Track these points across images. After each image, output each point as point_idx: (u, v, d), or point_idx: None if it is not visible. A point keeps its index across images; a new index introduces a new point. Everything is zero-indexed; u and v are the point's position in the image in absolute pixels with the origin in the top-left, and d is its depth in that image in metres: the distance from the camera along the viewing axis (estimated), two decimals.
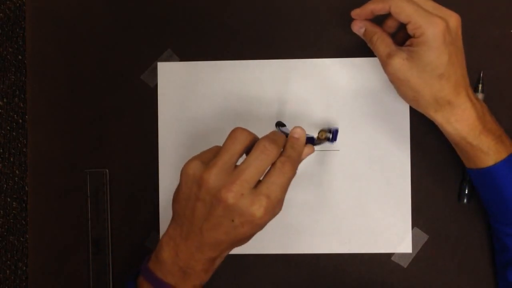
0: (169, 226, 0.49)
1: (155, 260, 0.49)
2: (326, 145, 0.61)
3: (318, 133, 0.55)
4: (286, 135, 0.50)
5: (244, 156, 0.48)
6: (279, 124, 0.55)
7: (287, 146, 0.48)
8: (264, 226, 0.47)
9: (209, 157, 0.47)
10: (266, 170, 0.46)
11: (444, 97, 0.51)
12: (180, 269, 0.47)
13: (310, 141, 0.52)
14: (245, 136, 0.47)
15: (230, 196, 0.44)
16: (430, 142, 0.61)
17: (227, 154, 0.46)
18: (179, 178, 0.48)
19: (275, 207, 0.46)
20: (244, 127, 0.48)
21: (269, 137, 0.47)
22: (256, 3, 0.62)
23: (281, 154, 0.47)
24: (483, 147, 0.51)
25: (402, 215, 0.60)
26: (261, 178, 0.47)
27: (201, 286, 0.49)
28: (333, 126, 0.56)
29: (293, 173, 0.47)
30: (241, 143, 0.47)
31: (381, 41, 0.53)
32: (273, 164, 0.47)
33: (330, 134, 0.54)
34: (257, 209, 0.45)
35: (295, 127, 0.50)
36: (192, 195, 0.46)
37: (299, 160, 0.49)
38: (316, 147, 0.61)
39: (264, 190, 0.45)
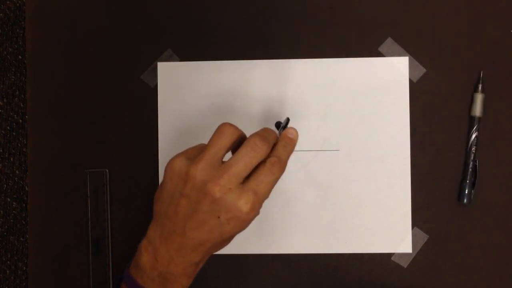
0: (149, 228, 0.48)
1: (135, 266, 0.48)
2: (326, 145, 0.61)
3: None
4: (278, 126, 0.50)
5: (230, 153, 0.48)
6: (279, 125, 0.55)
7: (279, 146, 0.48)
8: (248, 225, 0.46)
9: (194, 153, 0.47)
10: (254, 166, 0.46)
11: None
12: (160, 274, 0.46)
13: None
14: (231, 131, 0.47)
15: (217, 190, 0.43)
16: (430, 142, 0.61)
17: (213, 149, 0.46)
18: None
19: (261, 204, 0.45)
20: (243, 127, 0.48)
21: (260, 134, 0.46)
22: (256, 3, 0.62)
23: (271, 153, 0.47)
24: None
25: (402, 215, 0.60)
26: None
27: None
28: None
29: (281, 173, 0.47)
30: (227, 138, 0.46)
31: None
32: (263, 161, 0.46)
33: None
34: (244, 204, 0.44)
35: (290, 127, 0.50)
36: (177, 192, 0.45)
37: (287, 160, 0.48)
38: (315, 147, 0.61)
39: (252, 186, 0.45)
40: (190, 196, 0.44)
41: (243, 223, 0.45)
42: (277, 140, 0.48)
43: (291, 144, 0.49)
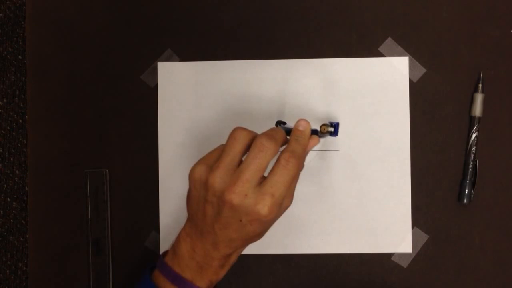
0: (186, 223, 0.50)
1: (173, 255, 0.49)
2: (326, 145, 0.61)
3: (320, 127, 0.54)
4: (288, 131, 0.50)
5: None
6: (280, 123, 0.55)
7: (292, 140, 0.48)
8: (274, 222, 0.47)
9: (214, 158, 0.48)
10: (267, 166, 0.46)
11: None
12: (197, 263, 0.48)
13: (314, 133, 0.52)
14: (244, 135, 0.47)
15: (234, 198, 0.45)
16: (430, 142, 0.61)
17: (228, 155, 0.46)
18: (179, 178, 0.48)
19: (280, 204, 0.46)
20: (244, 127, 0.48)
21: (266, 134, 0.47)
22: (256, 3, 0.62)
23: (285, 149, 0.47)
24: None
25: (402, 215, 0.60)
26: (266, 174, 0.47)
27: (217, 281, 0.50)
28: (334, 121, 0.56)
29: (299, 167, 0.47)
30: (241, 143, 0.47)
31: None
32: (278, 160, 0.47)
33: (332, 128, 0.54)
34: (262, 208, 0.45)
35: (300, 119, 0.50)
36: (201, 198, 0.47)
37: (304, 153, 0.49)
38: (315, 147, 0.61)
39: (268, 189, 0.45)
40: (213, 202, 0.46)
41: (266, 223, 0.46)
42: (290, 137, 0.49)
43: (303, 136, 0.49)
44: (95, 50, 0.63)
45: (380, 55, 0.61)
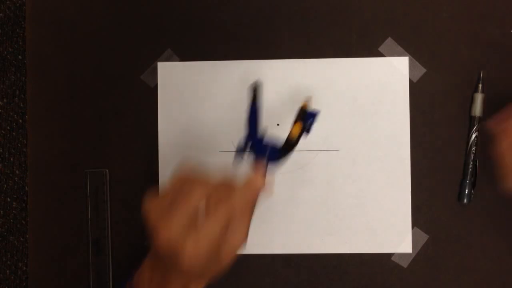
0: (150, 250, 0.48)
1: (137, 280, 0.48)
2: (326, 145, 0.61)
3: (291, 129, 0.49)
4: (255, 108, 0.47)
5: None
6: (240, 149, 0.50)
7: (238, 191, 0.44)
8: (197, 269, 0.44)
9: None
10: (193, 212, 0.43)
11: None
12: None
13: (275, 155, 0.47)
14: (176, 178, 0.45)
15: (159, 238, 0.43)
16: (430, 142, 0.61)
17: (165, 193, 0.45)
18: None
19: (206, 252, 0.43)
20: (243, 127, 0.48)
21: (197, 179, 0.44)
22: (256, 3, 0.62)
23: (225, 197, 0.44)
24: None
25: (402, 215, 0.60)
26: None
27: None
28: (312, 110, 0.47)
29: (229, 216, 0.43)
30: (172, 184, 0.45)
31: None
32: (207, 206, 0.44)
33: (306, 128, 0.48)
34: (180, 255, 0.42)
35: (255, 175, 0.46)
36: (148, 228, 0.45)
37: (244, 206, 0.45)
38: (315, 147, 0.61)
39: (193, 235, 0.43)
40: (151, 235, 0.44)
41: (189, 268, 0.43)
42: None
43: (252, 192, 0.45)
44: (95, 50, 0.63)
45: (380, 55, 0.61)
